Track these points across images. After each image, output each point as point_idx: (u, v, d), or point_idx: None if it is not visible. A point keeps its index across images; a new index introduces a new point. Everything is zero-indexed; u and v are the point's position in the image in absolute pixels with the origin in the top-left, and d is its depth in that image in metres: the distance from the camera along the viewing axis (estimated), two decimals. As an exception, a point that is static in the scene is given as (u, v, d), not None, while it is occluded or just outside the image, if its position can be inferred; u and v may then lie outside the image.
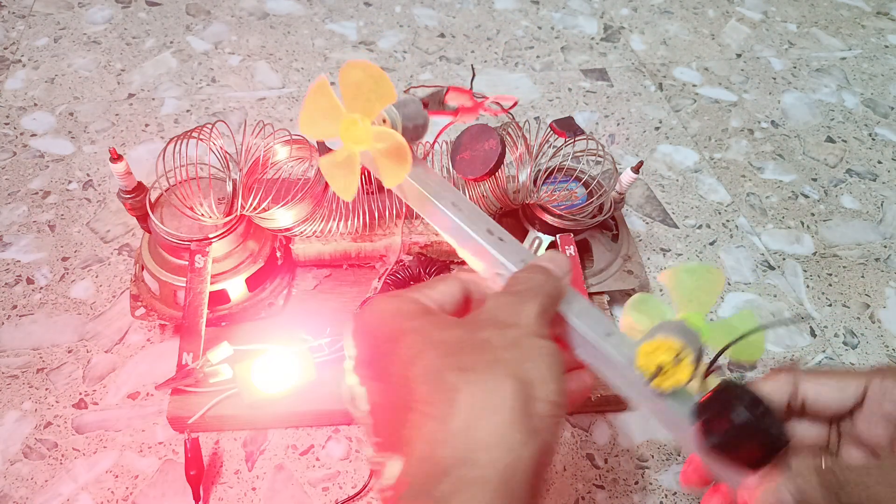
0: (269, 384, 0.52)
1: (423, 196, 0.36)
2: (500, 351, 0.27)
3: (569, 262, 0.33)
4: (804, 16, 1.04)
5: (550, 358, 0.27)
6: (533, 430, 0.25)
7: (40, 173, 0.73)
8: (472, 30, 0.96)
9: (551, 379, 0.27)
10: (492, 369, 0.26)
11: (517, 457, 0.24)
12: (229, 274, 0.57)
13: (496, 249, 0.35)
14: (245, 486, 0.51)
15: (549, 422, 0.26)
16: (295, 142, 0.58)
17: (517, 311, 0.29)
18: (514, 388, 0.25)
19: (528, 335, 0.28)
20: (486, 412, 0.25)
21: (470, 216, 0.36)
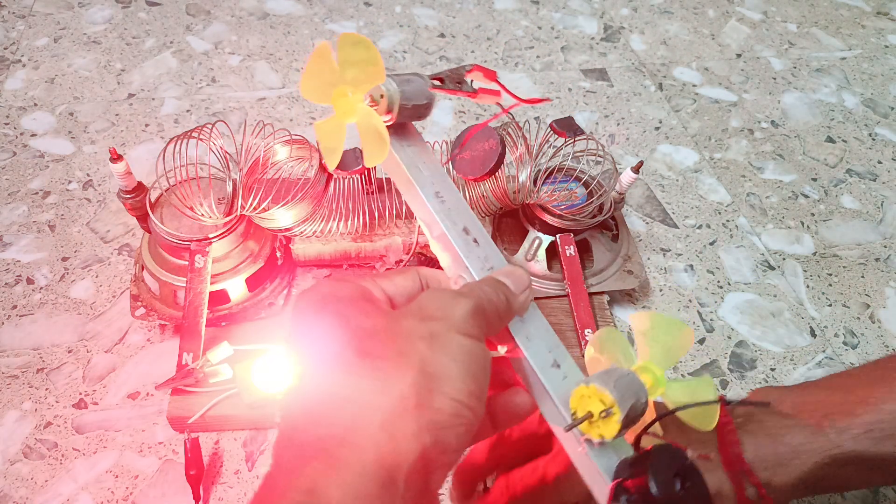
0: (269, 384, 0.52)
1: (407, 179, 0.35)
2: (415, 340, 0.26)
3: (528, 280, 0.32)
4: (804, 16, 1.04)
5: (468, 357, 0.26)
6: (428, 425, 0.24)
7: (40, 173, 0.73)
8: (472, 30, 0.96)
9: (462, 377, 0.26)
10: (396, 357, 0.26)
11: (403, 448, 0.24)
12: (229, 274, 0.57)
13: (465, 251, 0.34)
14: (245, 486, 0.51)
15: (452, 420, 0.25)
16: (295, 142, 0.58)
17: (447, 306, 0.28)
18: (414, 378, 0.25)
19: (450, 330, 0.27)
20: (378, 398, 0.24)
21: (451, 210, 0.34)
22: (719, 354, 0.61)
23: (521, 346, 0.32)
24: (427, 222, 0.35)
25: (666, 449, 0.30)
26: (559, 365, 0.32)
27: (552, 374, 0.32)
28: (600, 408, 0.30)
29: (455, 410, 0.25)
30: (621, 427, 0.30)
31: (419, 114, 0.35)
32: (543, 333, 0.33)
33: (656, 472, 0.28)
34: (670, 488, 0.28)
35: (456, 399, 0.25)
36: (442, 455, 0.25)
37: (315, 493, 0.22)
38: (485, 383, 0.27)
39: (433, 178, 0.35)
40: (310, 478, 0.23)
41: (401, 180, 0.36)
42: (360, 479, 0.23)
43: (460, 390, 0.25)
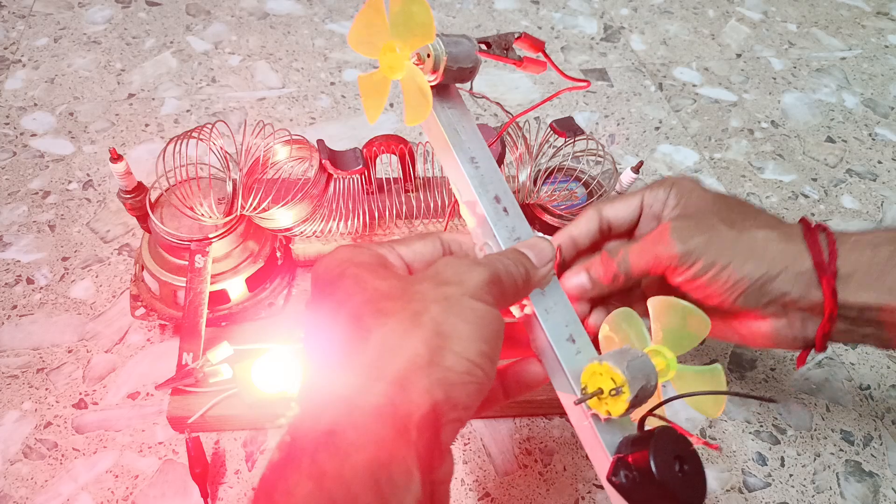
0: (269, 384, 0.52)
1: (444, 141, 0.35)
2: (429, 303, 0.27)
3: (552, 252, 0.34)
4: (804, 16, 1.04)
5: (481, 320, 0.28)
6: (439, 381, 0.26)
7: (40, 173, 0.73)
8: (472, 30, 0.96)
9: (473, 339, 0.27)
10: (410, 316, 0.27)
11: (415, 400, 0.25)
12: (229, 274, 0.57)
13: (494, 219, 0.34)
14: (245, 486, 0.51)
15: (462, 377, 0.26)
16: (295, 142, 0.58)
17: (463, 272, 0.29)
18: (425, 336, 0.26)
19: (465, 295, 0.28)
20: (391, 353, 0.26)
21: (484, 177, 0.35)
22: (719, 354, 0.61)
23: (539, 317, 0.33)
24: (459, 186, 0.36)
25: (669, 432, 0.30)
26: (574, 340, 0.33)
27: (567, 347, 0.33)
28: (611, 386, 0.30)
29: (466, 369, 0.26)
30: (629, 406, 0.30)
31: (464, 77, 0.35)
32: (562, 308, 0.34)
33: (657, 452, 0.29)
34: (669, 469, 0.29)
35: (467, 358, 0.26)
36: (452, 410, 0.26)
37: (335, 434, 0.24)
38: (496, 346, 0.28)
39: (470, 143, 0.35)
40: (330, 420, 0.24)
41: (438, 141, 0.36)
42: (376, 423, 0.24)
43: (471, 350, 0.27)
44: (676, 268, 0.38)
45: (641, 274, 0.40)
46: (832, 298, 0.37)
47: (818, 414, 0.58)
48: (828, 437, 0.56)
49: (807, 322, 0.39)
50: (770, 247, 0.38)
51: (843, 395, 0.59)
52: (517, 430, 0.55)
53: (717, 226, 0.38)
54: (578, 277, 0.40)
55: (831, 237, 0.38)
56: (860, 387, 0.60)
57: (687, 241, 0.38)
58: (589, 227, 0.42)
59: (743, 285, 0.37)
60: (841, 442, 0.56)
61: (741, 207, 0.41)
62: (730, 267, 0.37)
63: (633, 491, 0.29)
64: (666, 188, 0.42)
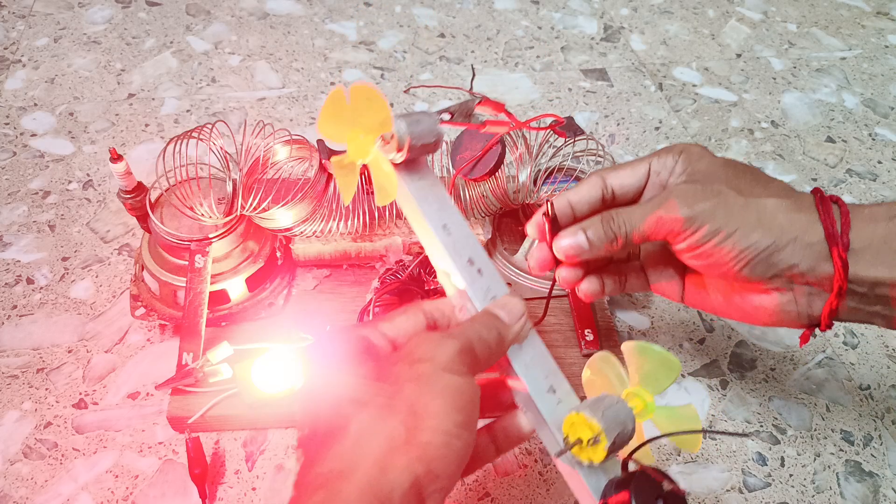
0: (269, 384, 0.52)
1: (416, 212, 0.37)
2: (403, 383, 0.29)
3: (522, 307, 0.34)
4: (804, 16, 1.04)
5: (454, 391, 0.29)
6: (418, 457, 0.27)
7: (40, 173, 0.73)
8: (472, 30, 0.96)
9: (447, 411, 0.28)
10: (388, 400, 0.29)
11: (394, 479, 0.26)
12: (229, 274, 0.57)
13: (469, 282, 0.35)
14: (245, 486, 0.51)
15: (440, 451, 0.27)
16: (295, 142, 0.58)
17: (433, 349, 0.30)
18: (403, 418, 0.28)
19: (437, 370, 0.29)
20: (369, 439, 0.28)
21: (457, 242, 0.36)
22: (719, 354, 0.61)
23: (518, 372, 0.34)
24: (434, 253, 0.37)
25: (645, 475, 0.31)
26: (555, 390, 0.34)
27: (547, 399, 0.34)
28: (589, 435, 0.32)
29: (443, 441, 0.28)
30: (608, 453, 0.32)
31: (429, 149, 0.37)
32: (540, 360, 0.35)
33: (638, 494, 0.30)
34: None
35: (444, 431, 0.28)
36: (434, 482, 0.27)
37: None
38: (472, 413, 0.29)
39: (441, 212, 0.37)
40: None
41: (411, 213, 0.38)
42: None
43: (447, 423, 0.28)
44: (680, 233, 0.37)
45: (642, 238, 0.39)
46: (843, 271, 0.35)
47: (818, 414, 0.58)
48: (828, 437, 0.56)
49: (813, 298, 0.38)
50: (780, 216, 0.36)
51: (843, 395, 0.59)
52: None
53: (724, 192, 0.37)
54: (575, 237, 0.39)
55: (845, 208, 0.37)
56: (860, 387, 0.60)
57: (693, 206, 0.36)
58: (590, 193, 0.41)
59: (749, 254, 0.36)
60: (841, 442, 0.56)
61: (752, 175, 0.39)
62: (736, 234, 0.36)
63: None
64: (674, 155, 0.40)
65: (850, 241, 0.36)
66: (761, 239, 0.36)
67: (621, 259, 0.45)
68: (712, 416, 0.57)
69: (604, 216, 0.39)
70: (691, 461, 0.54)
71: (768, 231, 0.36)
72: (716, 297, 0.42)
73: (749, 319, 0.40)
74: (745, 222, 0.36)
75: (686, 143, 0.42)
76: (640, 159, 0.41)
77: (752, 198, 0.37)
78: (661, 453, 0.55)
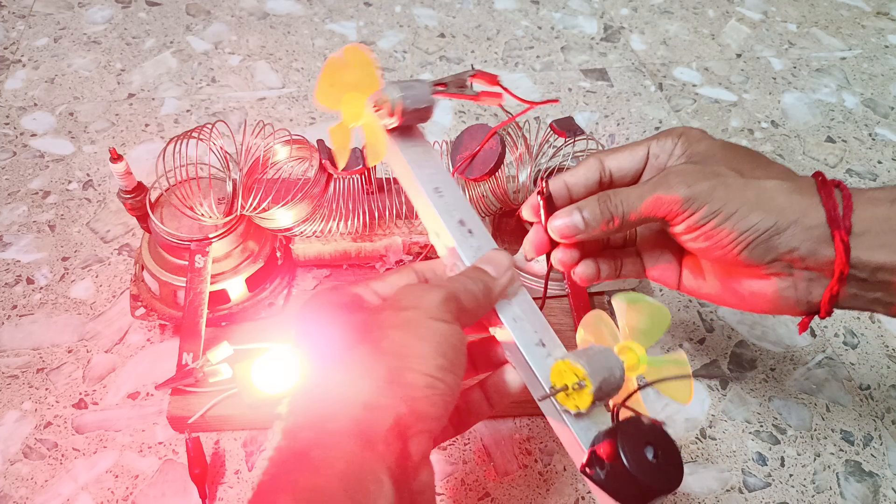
0: (269, 384, 0.52)
1: (409, 176, 0.38)
2: (388, 329, 0.30)
3: (508, 263, 0.35)
4: (804, 16, 1.04)
5: (439, 337, 0.30)
6: (402, 397, 0.28)
7: (40, 173, 0.73)
8: (472, 30, 0.96)
9: (432, 355, 0.29)
10: (375, 344, 0.30)
11: (379, 417, 0.27)
12: (229, 274, 0.57)
13: (460, 241, 0.36)
14: (245, 486, 0.51)
15: (423, 391, 0.29)
16: (295, 142, 0.58)
17: (419, 297, 0.31)
18: (388, 361, 0.29)
19: (423, 317, 0.30)
20: (354, 379, 0.29)
21: (449, 203, 0.37)
22: (719, 354, 0.61)
23: (507, 325, 0.35)
24: (425, 215, 0.38)
25: (634, 421, 0.31)
26: (544, 344, 0.35)
27: (536, 352, 0.34)
28: (574, 380, 0.32)
29: (427, 383, 0.29)
30: (594, 398, 0.32)
31: (421, 116, 0.38)
32: (530, 314, 0.35)
33: (625, 441, 0.30)
34: (639, 457, 0.30)
35: (427, 373, 0.29)
36: (418, 422, 0.28)
37: (308, 455, 0.26)
38: (457, 359, 0.30)
39: (434, 175, 0.38)
40: (305, 443, 0.27)
41: (404, 177, 0.39)
42: (344, 442, 0.27)
43: (430, 366, 0.29)
44: (679, 213, 0.36)
45: (639, 219, 0.38)
46: (844, 255, 0.35)
47: (818, 414, 0.58)
48: (828, 437, 0.56)
49: (812, 284, 0.37)
50: (780, 198, 0.36)
51: (843, 395, 0.59)
52: (517, 430, 0.55)
53: (724, 173, 0.36)
54: (571, 217, 0.38)
55: (846, 192, 0.36)
56: (860, 387, 0.60)
57: (692, 185, 0.36)
58: (587, 175, 0.40)
59: (749, 237, 0.36)
60: (841, 442, 0.56)
61: (752, 157, 0.39)
62: (736, 215, 0.35)
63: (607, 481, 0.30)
64: (674, 138, 0.39)
65: (852, 225, 0.35)
66: (762, 221, 0.35)
67: (617, 245, 0.44)
68: (712, 415, 0.57)
69: (600, 196, 0.38)
70: (691, 461, 0.54)
71: (769, 213, 0.35)
72: (713, 283, 0.41)
73: (746, 306, 0.40)
74: (745, 203, 0.35)
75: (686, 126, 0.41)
76: (639, 142, 0.40)
77: (753, 179, 0.36)
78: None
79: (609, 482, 0.30)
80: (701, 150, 0.39)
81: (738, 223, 0.35)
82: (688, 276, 0.43)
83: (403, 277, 0.35)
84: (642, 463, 0.30)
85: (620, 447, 0.30)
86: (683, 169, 0.37)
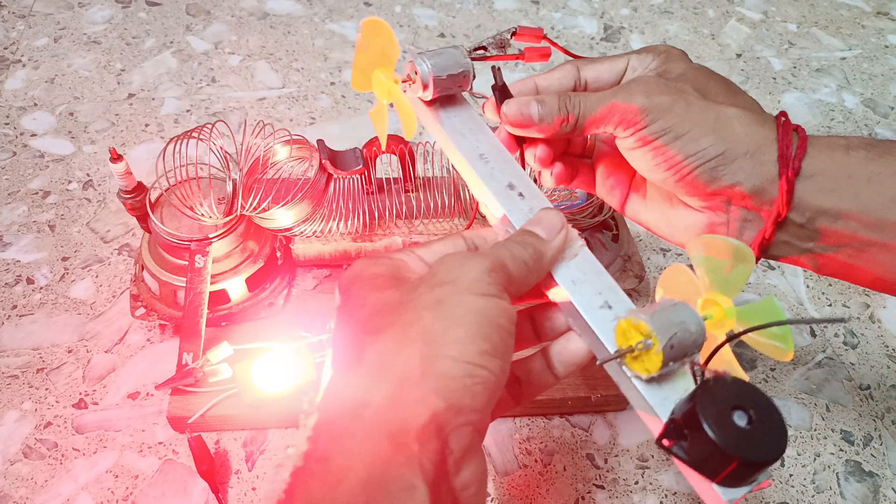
0: (269, 384, 0.52)
1: (451, 147, 0.37)
2: (420, 311, 0.27)
3: (560, 222, 0.32)
4: (804, 16, 1.04)
5: (478, 316, 0.26)
6: (435, 390, 0.25)
7: (40, 173, 0.73)
8: (472, 30, 0.96)
9: (470, 338, 0.26)
10: (401, 329, 0.26)
11: (409, 414, 0.24)
12: (229, 274, 0.57)
13: (508, 205, 0.34)
14: (245, 486, 0.51)
15: (462, 381, 0.25)
16: (295, 142, 0.58)
17: (456, 270, 0.28)
18: (416, 347, 0.25)
19: (460, 293, 0.27)
20: (381, 372, 0.25)
21: (494, 169, 0.35)
22: (719, 354, 0.61)
23: (566, 289, 0.31)
24: (472, 184, 0.36)
25: (719, 381, 0.26)
26: (610, 306, 0.31)
27: (600, 314, 0.30)
28: (638, 338, 0.28)
29: (465, 372, 0.25)
30: (665, 359, 0.27)
31: (458, 83, 0.37)
32: (592, 276, 0.32)
33: (706, 405, 0.25)
34: (724, 422, 0.25)
35: (465, 361, 0.25)
36: (457, 416, 0.25)
37: (326, 461, 0.24)
38: (501, 341, 0.27)
39: (477, 143, 0.36)
40: (324, 447, 0.24)
41: (447, 149, 0.38)
42: (367, 444, 0.24)
43: (469, 352, 0.25)
44: (632, 122, 0.35)
45: (593, 123, 0.36)
46: (787, 195, 0.34)
47: (818, 414, 0.58)
48: (828, 437, 0.56)
49: (746, 225, 0.36)
50: (737, 127, 0.35)
51: (843, 395, 0.59)
52: (517, 430, 0.55)
53: (687, 91, 0.36)
54: (528, 107, 0.36)
55: (803, 134, 0.35)
56: (860, 387, 0.60)
57: (651, 97, 0.35)
58: (561, 81, 0.39)
59: (696, 161, 0.34)
60: (841, 442, 0.56)
61: (725, 85, 0.38)
62: (687, 136, 0.34)
63: (691, 455, 0.26)
64: (655, 54, 0.39)
65: (802, 168, 0.34)
66: (712, 147, 0.34)
67: (575, 153, 0.43)
68: (712, 416, 0.57)
69: (561, 94, 0.37)
70: (691, 461, 0.54)
71: (721, 139, 0.34)
72: (652, 211, 0.40)
73: (677, 239, 0.39)
74: (698, 125, 0.34)
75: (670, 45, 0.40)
76: (620, 55, 0.39)
77: (715, 104, 0.35)
78: (662, 452, 0.55)
79: (693, 456, 0.26)
80: (675, 68, 0.38)
81: (688, 144, 0.34)
82: (633, 200, 0.42)
83: (449, 245, 0.32)
84: (729, 430, 0.25)
85: (700, 412, 0.25)
86: (647, 80, 0.36)
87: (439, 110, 0.37)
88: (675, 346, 0.27)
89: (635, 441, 0.55)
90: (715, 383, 0.26)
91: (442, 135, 0.37)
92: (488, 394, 0.26)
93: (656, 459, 0.54)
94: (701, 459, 0.25)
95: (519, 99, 0.37)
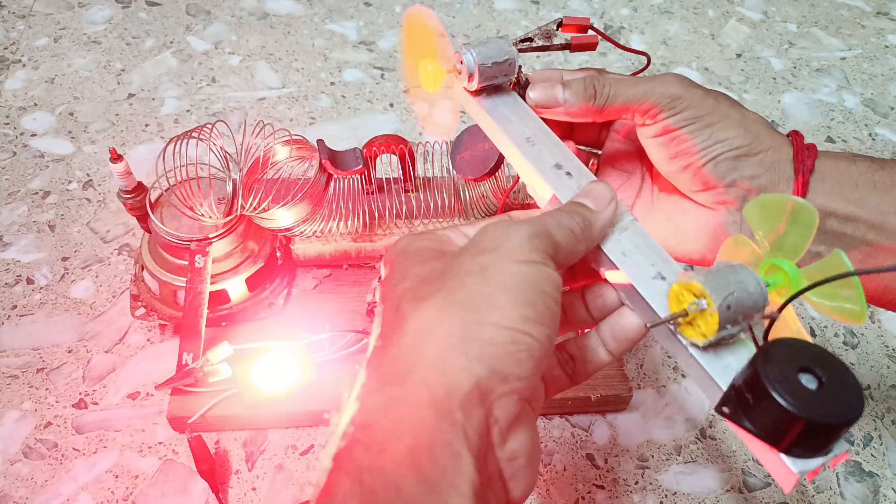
0: (269, 384, 0.52)
1: (498, 132, 0.38)
2: (464, 277, 0.27)
3: (609, 194, 0.31)
4: (804, 16, 1.04)
5: (522, 283, 0.26)
6: (479, 356, 0.25)
7: (40, 173, 0.73)
8: (473, 30, 0.96)
9: (513, 304, 0.25)
10: (445, 296, 0.26)
11: (453, 381, 0.24)
12: (229, 274, 0.57)
13: (556, 185, 0.34)
14: (245, 486, 0.51)
15: (505, 348, 0.25)
16: (295, 142, 0.58)
17: (500, 237, 0.28)
18: (460, 314, 0.25)
19: (503, 260, 0.27)
20: (425, 339, 0.25)
21: (541, 151, 0.36)
22: (719, 354, 0.61)
23: (616, 261, 0.31)
24: (520, 168, 0.37)
25: (783, 341, 0.24)
26: (664, 277, 0.30)
27: (654, 285, 0.30)
28: (691, 299, 0.26)
29: (509, 338, 0.25)
30: (721, 320, 0.25)
31: (504, 72, 0.38)
32: (645, 248, 0.31)
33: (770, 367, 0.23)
34: (792, 386, 0.23)
35: (508, 327, 0.25)
36: (502, 384, 0.25)
37: (371, 428, 0.24)
38: (547, 306, 0.26)
39: (524, 126, 0.37)
40: (368, 415, 0.24)
41: (495, 136, 0.39)
42: (413, 411, 0.24)
43: (512, 318, 0.25)
44: (662, 110, 0.36)
45: (621, 108, 0.37)
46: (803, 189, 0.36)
47: (818, 414, 0.58)
48: (828, 437, 0.56)
49: None
50: (760, 128, 0.37)
51: (843, 395, 0.59)
52: (517, 430, 0.55)
53: (715, 95, 0.38)
54: (554, 89, 0.38)
55: (812, 145, 0.38)
56: (860, 387, 0.60)
57: (687, 88, 0.37)
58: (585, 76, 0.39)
59: (721, 148, 0.36)
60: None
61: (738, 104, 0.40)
62: (718, 125, 0.36)
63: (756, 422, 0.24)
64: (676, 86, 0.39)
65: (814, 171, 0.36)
66: (737, 137, 0.36)
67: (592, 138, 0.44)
68: (712, 416, 0.57)
69: (588, 77, 0.37)
70: (691, 461, 0.54)
71: (747, 133, 0.37)
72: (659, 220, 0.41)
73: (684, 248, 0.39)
74: (728, 118, 0.37)
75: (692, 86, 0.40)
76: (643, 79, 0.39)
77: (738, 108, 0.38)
78: (662, 452, 0.55)
79: (758, 423, 0.24)
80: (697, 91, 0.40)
81: (716, 132, 0.36)
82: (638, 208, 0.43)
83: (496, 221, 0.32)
84: (798, 393, 0.23)
85: (764, 374, 0.23)
86: (679, 75, 0.38)
87: (485, 99, 0.39)
88: (732, 307, 0.25)
89: (635, 441, 0.55)
90: (779, 345, 0.24)
91: (489, 121, 0.38)
92: (533, 361, 0.26)
93: (656, 459, 0.54)
94: (766, 426, 0.24)
95: (548, 82, 0.38)
